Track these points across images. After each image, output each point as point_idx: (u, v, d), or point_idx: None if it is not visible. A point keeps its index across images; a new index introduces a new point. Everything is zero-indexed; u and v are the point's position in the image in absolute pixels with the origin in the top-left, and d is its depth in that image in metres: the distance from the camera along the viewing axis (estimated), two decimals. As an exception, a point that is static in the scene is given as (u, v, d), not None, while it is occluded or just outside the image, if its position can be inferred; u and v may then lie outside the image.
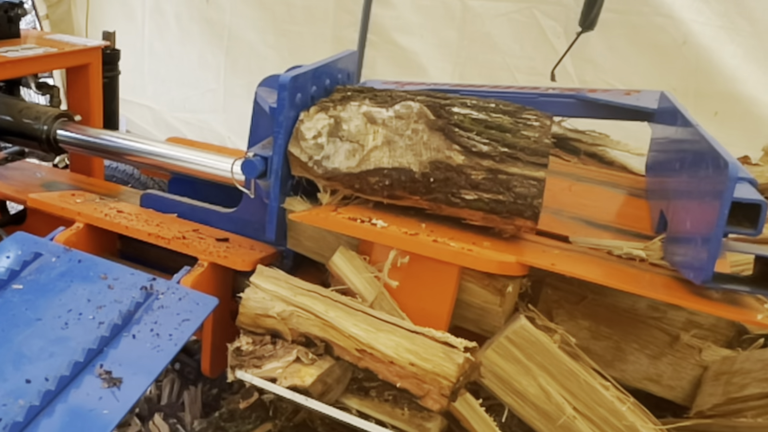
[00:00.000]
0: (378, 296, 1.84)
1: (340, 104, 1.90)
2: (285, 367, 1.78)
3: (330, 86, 2.17)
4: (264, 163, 1.97)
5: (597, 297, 1.98)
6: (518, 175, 1.76)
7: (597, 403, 1.75)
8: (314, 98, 2.06)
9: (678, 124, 2.06)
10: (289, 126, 1.94)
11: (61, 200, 2.39)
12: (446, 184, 1.80)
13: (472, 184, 1.79)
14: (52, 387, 1.53)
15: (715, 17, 3.34)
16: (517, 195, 1.76)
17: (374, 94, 1.94)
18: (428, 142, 1.80)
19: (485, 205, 1.79)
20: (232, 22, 4.82)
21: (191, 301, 1.81)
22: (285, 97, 1.91)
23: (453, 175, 1.79)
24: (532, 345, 1.76)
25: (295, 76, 1.95)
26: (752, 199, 1.48)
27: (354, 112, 1.87)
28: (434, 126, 1.80)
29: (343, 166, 1.87)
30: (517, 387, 1.79)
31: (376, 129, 1.84)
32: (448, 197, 1.82)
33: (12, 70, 2.83)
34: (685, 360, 1.94)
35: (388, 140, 1.83)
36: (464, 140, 1.79)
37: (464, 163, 1.78)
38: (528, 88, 2.65)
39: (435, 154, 1.79)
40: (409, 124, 1.82)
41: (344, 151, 1.86)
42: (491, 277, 1.80)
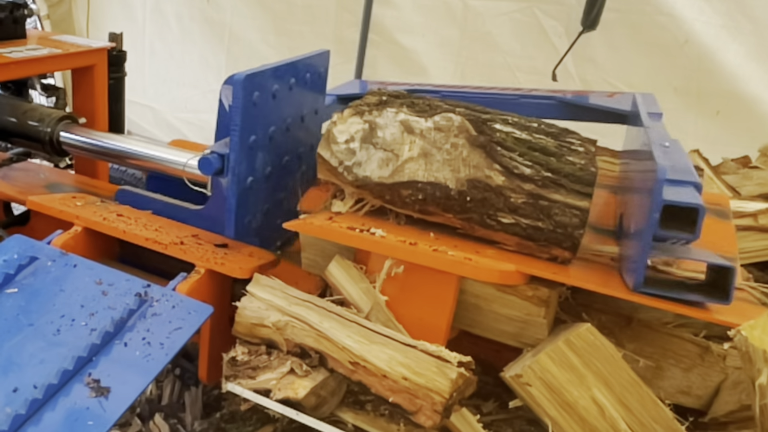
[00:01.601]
0: (374, 307, 1.82)
1: (376, 109, 1.83)
2: (279, 378, 1.76)
3: (296, 85, 2.22)
4: (221, 160, 2.02)
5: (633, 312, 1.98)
6: (560, 203, 1.68)
7: (655, 420, 1.66)
8: (277, 96, 2.11)
9: (637, 125, 2.04)
10: (247, 123, 1.99)
11: (60, 203, 2.37)
12: (483, 204, 1.73)
13: (511, 207, 1.71)
14: (39, 395, 1.51)
15: (717, 16, 3.33)
16: (557, 223, 1.69)
17: (412, 101, 1.86)
18: (468, 158, 1.73)
19: (522, 230, 1.73)
20: (233, 22, 4.81)
21: (185, 309, 1.80)
22: (240, 95, 1.93)
23: (491, 195, 1.72)
24: (595, 351, 1.66)
25: (251, 74, 1.96)
26: (684, 202, 1.45)
27: (390, 120, 1.80)
28: (475, 142, 1.73)
29: (375, 175, 1.80)
30: (567, 398, 1.67)
31: (413, 139, 1.77)
32: (483, 218, 1.75)
33: (17, 70, 2.82)
34: (712, 369, 1.94)
35: (425, 152, 1.76)
36: (506, 160, 1.71)
37: (504, 185, 1.71)
38: (510, 89, 2.66)
39: (474, 171, 1.72)
40: (448, 138, 1.74)
41: (377, 159, 1.80)
42: (534, 289, 1.76)
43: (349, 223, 1.87)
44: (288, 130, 2.28)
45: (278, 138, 2.23)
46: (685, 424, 1.68)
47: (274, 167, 2.25)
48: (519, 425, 2.02)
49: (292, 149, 2.35)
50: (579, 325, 1.69)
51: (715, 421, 1.89)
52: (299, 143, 2.40)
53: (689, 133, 3.53)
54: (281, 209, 2.36)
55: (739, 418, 1.85)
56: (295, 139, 2.35)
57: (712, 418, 1.90)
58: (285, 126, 2.26)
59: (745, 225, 2.45)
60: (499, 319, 1.83)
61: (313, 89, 2.41)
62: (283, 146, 2.28)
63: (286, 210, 2.36)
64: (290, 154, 2.35)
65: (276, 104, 2.16)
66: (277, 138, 2.21)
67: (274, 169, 2.26)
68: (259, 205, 2.24)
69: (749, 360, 1.44)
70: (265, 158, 2.19)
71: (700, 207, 1.45)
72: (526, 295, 1.77)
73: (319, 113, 2.50)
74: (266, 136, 2.16)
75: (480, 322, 1.86)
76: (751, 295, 1.71)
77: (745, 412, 1.82)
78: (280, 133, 2.23)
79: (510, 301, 1.80)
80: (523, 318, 1.80)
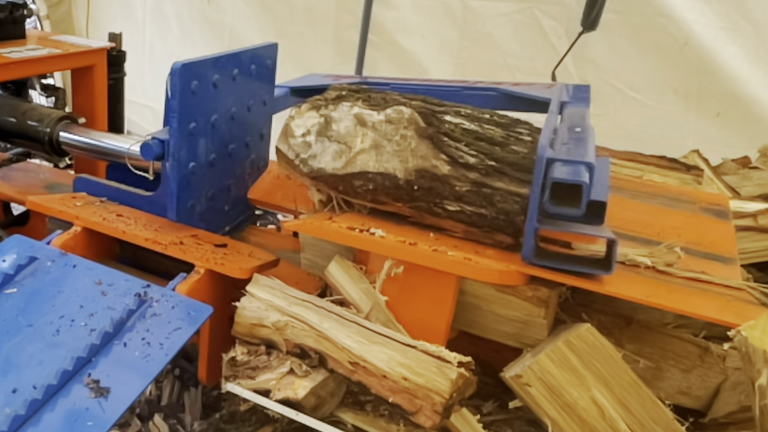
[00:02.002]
0: (373, 307, 1.82)
1: (332, 103, 1.89)
2: (279, 378, 1.76)
3: (240, 75, 2.30)
4: (161, 146, 2.11)
5: (633, 313, 1.98)
6: (503, 191, 1.75)
7: (655, 421, 1.67)
8: (218, 86, 2.20)
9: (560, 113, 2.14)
10: (186, 111, 2.08)
11: (59, 203, 2.37)
12: (430, 193, 1.79)
13: (456, 195, 1.78)
14: (38, 396, 1.51)
15: (717, 18, 3.33)
16: (499, 210, 1.76)
17: (368, 95, 1.92)
18: (416, 149, 1.78)
19: (467, 217, 1.79)
20: (233, 23, 4.81)
21: (185, 309, 1.79)
22: (177, 83, 2.03)
23: (437, 184, 1.78)
24: (594, 351, 1.67)
25: (187, 63, 2.06)
26: (569, 179, 1.52)
27: (345, 113, 1.86)
28: (423, 134, 1.79)
29: (328, 166, 1.86)
30: (567, 398, 1.68)
31: (365, 132, 1.83)
32: (430, 206, 1.82)
33: (16, 70, 2.82)
34: (712, 369, 1.94)
35: (376, 144, 1.81)
36: (452, 150, 1.78)
37: (450, 174, 1.77)
38: (456, 82, 2.77)
39: (421, 162, 1.78)
40: (398, 130, 1.80)
41: (331, 151, 1.85)
42: (534, 289, 1.77)
43: (348, 223, 1.87)
44: (233, 118, 2.36)
45: (222, 126, 2.31)
46: (685, 424, 1.68)
47: (218, 154, 2.33)
48: (519, 426, 2.02)
49: (238, 137, 2.44)
50: (579, 326, 1.69)
51: (715, 422, 1.89)
52: (246, 132, 2.49)
53: (689, 134, 3.53)
54: (228, 195, 2.47)
55: (739, 419, 1.85)
56: (241, 128, 2.44)
57: (712, 419, 1.90)
58: (229, 115, 2.34)
59: (745, 225, 2.45)
60: (499, 320, 1.83)
61: (259, 80, 2.49)
62: (227, 134, 2.37)
63: (234, 197, 2.50)
64: (236, 143, 2.43)
65: (217, 93, 2.24)
66: (220, 126, 2.30)
67: (219, 156, 2.34)
68: (203, 190, 2.32)
69: (749, 361, 1.44)
70: (208, 145, 2.26)
71: (584, 183, 1.51)
72: (526, 296, 1.78)
73: (267, 104, 2.58)
74: (208, 123, 2.23)
75: (480, 323, 1.86)
76: (751, 295, 1.71)
77: (744, 413, 1.82)
78: (223, 122, 2.31)
79: (510, 302, 1.80)
80: (522, 318, 1.80)
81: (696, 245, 1.94)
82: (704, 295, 1.69)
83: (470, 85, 2.59)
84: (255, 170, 2.60)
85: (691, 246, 1.91)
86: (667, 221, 2.09)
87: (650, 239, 1.95)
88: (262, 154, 2.64)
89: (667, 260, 1.79)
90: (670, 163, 2.65)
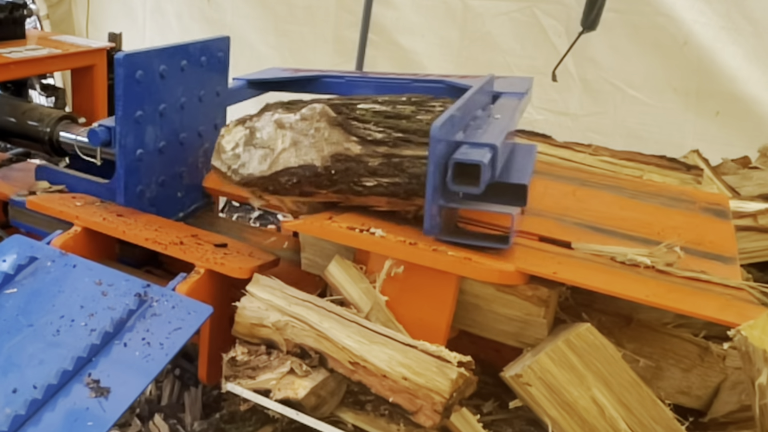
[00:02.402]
0: (373, 307, 1.82)
1: (256, 116, 1.99)
2: (279, 378, 1.76)
3: (189, 67, 2.41)
4: (108, 132, 2.24)
5: (633, 312, 1.98)
6: (410, 156, 1.86)
7: (655, 420, 1.67)
8: (165, 76, 2.31)
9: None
10: (131, 99, 2.20)
11: (59, 203, 2.37)
12: (347, 174, 1.89)
13: (370, 170, 1.88)
14: (39, 396, 1.52)
15: (717, 17, 3.33)
16: (411, 175, 1.86)
17: (291, 103, 2.01)
18: (329, 137, 1.88)
19: (385, 189, 1.89)
20: (233, 22, 4.80)
21: (185, 309, 1.80)
22: (121, 72, 2.13)
23: (352, 164, 1.88)
24: (595, 351, 1.67)
25: (131, 54, 2.17)
26: (467, 159, 1.64)
27: (267, 121, 1.95)
28: (334, 122, 1.89)
29: (256, 170, 1.94)
30: (567, 398, 1.68)
31: (284, 133, 1.92)
32: (351, 186, 1.90)
33: (16, 71, 2.82)
34: (712, 369, 1.95)
35: (295, 141, 1.90)
36: (361, 131, 1.89)
37: (361, 152, 1.88)
38: (407, 74, 2.91)
39: (335, 147, 1.88)
40: (312, 124, 1.89)
41: (258, 156, 1.94)
42: (534, 289, 1.78)
43: (348, 223, 1.87)
44: (183, 108, 2.46)
45: (171, 115, 2.42)
46: (685, 424, 1.68)
47: (168, 142, 2.44)
48: (519, 425, 2.02)
49: (189, 127, 2.53)
50: (579, 325, 1.69)
51: (715, 421, 1.89)
52: (198, 122, 2.58)
53: (689, 133, 3.54)
54: (181, 183, 2.57)
55: (739, 418, 1.85)
56: (192, 118, 2.53)
57: (712, 419, 1.90)
58: (178, 104, 2.44)
59: (745, 225, 2.45)
60: (499, 319, 1.83)
61: (210, 72, 2.58)
62: (177, 123, 2.47)
63: (187, 184, 2.60)
64: (188, 131, 2.53)
65: (165, 83, 2.34)
66: (169, 115, 2.41)
67: (170, 144, 2.45)
68: (153, 177, 2.42)
69: (749, 360, 1.44)
70: (157, 133, 2.37)
71: (482, 163, 1.62)
72: (526, 295, 1.78)
73: (221, 95, 2.68)
74: (155, 112, 2.34)
75: (480, 322, 1.87)
76: (751, 295, 1.71)
77: (744, 413, 1.82)
78: (173, 111, 2.42)
79: (510, 301, 1.80)
80: (522, 318, 1.81)
81: (696, 245, 1.94)
82: (704, 294, 1.69)
83: (420, 78, 2.75)
84: (209, 159, 2.62)
85: (691, 246, 1.91)
86: (667, 221, 2.09)
87: (650, 239, 1.95)
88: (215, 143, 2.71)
89: (667, 260, 1.79)
90: (670, 163, 2.66)
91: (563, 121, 3.84)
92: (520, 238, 1.95)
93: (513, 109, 2.21)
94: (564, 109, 3.85)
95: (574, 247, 1.90)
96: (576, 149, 2.79)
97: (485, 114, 2.14)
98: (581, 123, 3.80)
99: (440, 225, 1.78)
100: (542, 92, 3.86)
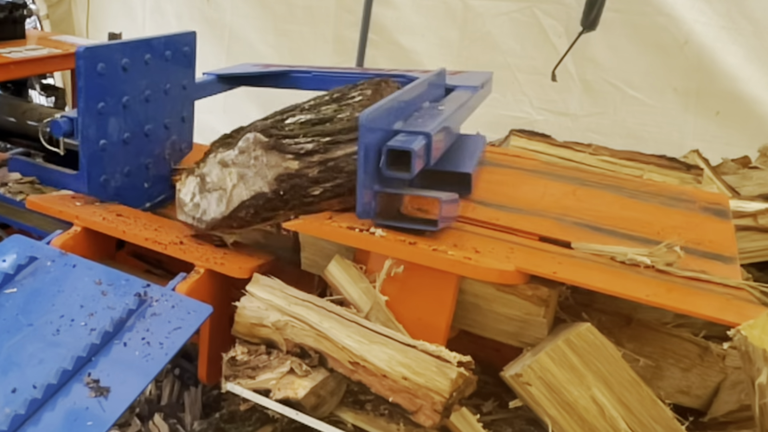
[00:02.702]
0: (373, 306, 1.82)
1: (202, 162, 2.05)
2: (279, 378, 1.76)
3: (153, 61, 2.47)
4: (70, 123, 2.29)
5: (633, 312, 1.98)
6: (342, 156, 1.97)
7: (655, 420, 1.66)
8: (128, 69, 2.37)
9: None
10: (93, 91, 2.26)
11: (59, 203, 2.37)
12: (294, 190, 1.96)
13: (313, 180, 1.96)
14: (38, 395, 1.52)
15: (717, 17, 3.34)
16: (349, 173, 1.96)
17: (221, 141, 2.06)
18: (268, 162, 1.94)
19: (331, 193, 1.98)
20: (232, 22, 4.81)
21: (184, 309, 1.79)
22: (82, 65, 2.20)
23: (296, 180, 1.95)
24: (595, 350, 1.66)
25: (91, 47, 2.24)
26: (398, 146, 1.73)
27: (212, 164, 2.02)
28: (268, 146, 1.94)
29: (217, 213, 2.01)
30: (567, 397, 1.68)
31: (230, 170, 1.99)
32: (301, 200, 1.98)
33: (16, 70, 2.83)
34: (711, 368, 1.95)
35: (241, 175, 1.97)
36: (293, 147, 1.95)
37: (300, 167, 1.95)
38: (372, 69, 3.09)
39: (276, 170, 1.94)
40: (250, 155, 1.95)
41: (214, 200, 2.02)
42: (534, 288, 1.77)
43: (348, 223, 1.87)
44: (147, 101, 2.52)
45: (135, 107, 2.47)
46: (685, 423, 1.68)
47: (133, 133, 2.49)
48: (519, 425, 2.02)
49: (155, 119, 2.59)
50: (579, 325, 1.69)
51: (715, 421, 1.89)
52: (164, 114, 2.63)
53: (689, 132, 3.54)
54: (148, 173, 2.62)
55: (739, 418, 1.85)
56: (158, 110, 2.59)
57: (712, 418, 1.89)
58: (143, 97, 2.49)
59: (745, 225, 2.45)
60: (499, 319, 1.83)
61: (176, 65, 2.63)
62: (142, 115, 2.52)
63: (154, 175, 2.65)
64: (153, 124, 2.58)
65: (128, 76, 2.40)
66: (133, 107, 2.46)
67: (134, 136, 2.50)
68: (118, 167, 2.48)
69: (749, 360, 1.44)
70: (120, 124, 2.43)
71: (412, 150, 1.71)
72: (526, 295, 1.78)
73: (188, 89, 2.75)
74: (119, 104, 2.39)
75: (480, 322, 1.86)
76: (751, 294, 1.71)
77: (744, 412, 1.82)
78: (137, 103, 2.47)
79: (510, 301, 1.80)
80: (522, 317, 1.80)
81: (696, 244, 1.94)
82: (704, 294, 1.69)
83: (383, 72, 2.84)
84: (177, 151, 2.74)
85: (691, 245, 1.91)
86: (667, 220, 2.09)
87: (650, 238, 1.95)
88: (185, 137, 2.79)
89: (667, 259, 1.79)
90: (670, 163, 2.66)
91: (563, 121, 3.84)
92: (520, 238, 1.95)
93: (460, 101, 2.29)
94: (564, 109, 3.86)
95: (574, 246, 1.89)
96: (576, 149, 2.79)
97: (433, 106, 2.22)
98: (581, 123, 3.81)
99: (375, 209, 1.83)
100: (542, 92, 3.86)
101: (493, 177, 2.33)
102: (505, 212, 2.10)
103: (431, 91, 2.34)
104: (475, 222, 2.03)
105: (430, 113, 2.09)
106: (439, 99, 2.37)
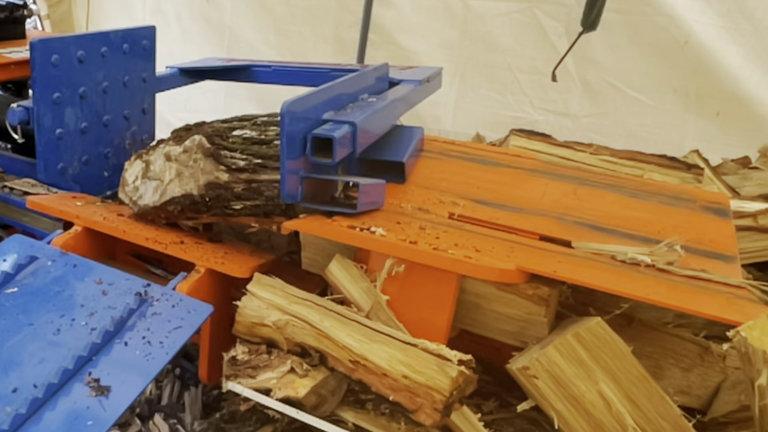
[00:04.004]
0: (374, 306, 1.82)
1: (152, 149, 2.16)
2: (279, 377, 1.76)
3: (110, 53, 2.57)
4: (26, 112, 2.37)
5: (634, 312, 1.98)
6: (266, 181, 2.04)
7: (662, 416, 1.65)
8: (84, 61, 2.46)
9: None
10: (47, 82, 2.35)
11: (60, 202, 2.37)
12: (218, 200, 2.07)
13: (236, 195, 2.06)
14: (39, 394, 1.52)
15: (717, 17, 3.33)
16: (267, 198, 2.04)
17: (178, 133, 2.16)
18: (204, 167, 2.05)
19: (249, 210, 2.07)
20: (232, 22, 4.80)
21: (185, 308, 1.80)
22: (36, 57, 2.29)
23: (222, 191, 2.05)
24: (604, 345, 1.65)
25: (45, 39, 2.32)
26: (321, 134, 1.82)
27: (159, 154, 2.12)
28: (207, 153, 2.05)
29: (150, 201, 2.14)
30: (574, 391, 1.66)
31: (171, 165, 2.10)
32: (223, 210, 2.09)
33: (17, 71, 2.83)
34: (712, 368, 1.95)
35: (179, 172, 2.08)
36: (228, 160, 2.06)
37: (228, 180, 2.05)
38: (331, 64, 3.11)
39: (208, 177, 2.05)
40: (191, 156, 2.06)
41: (151, 188, 2.14)
42: (535, 287, 1.78)
43: (349, 222, 1.87)
44: (105, 92, 2.61)
45: (92, 98, 2.57)
46: (692, 421, 1.67)
47: (91, 123, 2.59)
48: (520, 424, 2.01)
49: (113, 110, 2.68)
50: (588, 319, 1.68)
51: (715, 421, 1.89)
52: (123, 106, 2.73)
53: (689, 133, 3.54)
54: (107, 162, 2.71)
55: (739, 418, 1.85)
56: (116, 102, 2.68)
57: (712, 419, 1.90)
58: (100, 88, 2.59)
59: (745, 225, 2.45)
60: (500, 318, 1.83)
61: (135, 58, 2.73)
62: (100, 106, 2.61)
63: (114, 164, 2.72)
64: (112, 114, 2.68)
65: (84, 68, 2.49)
66: (90, 98, 2.55)
67: (92, 126, 2.60)
68: (75, 155, 2.56)
69: (748, 361, 1.44)
70: (77, 114, 2.52)
71: (333, 137, 1.79)
72: (527, 294, 1.78)
73: (148, 81, 2.84)
74: (75, 94, 2.48)
75: (480, 321, 1.86)
76: (752, 293, 1.71)
77: (744, 413, 1.82)
78: (94, 94, 2.57)
79: (510, 300, 1.80)
80: (523, 317, 1.80)
81: (696, 243, 1.94)
82: (705, 293, 1.69)
83: (341, 67, 2.96)
84: (138, 142, 2.81)
85: (692, 244, 1.91)
86: (668, 220, 2.09)
87: (651, 238, 1.95)
88: (146, 128, 2.86)
89: (668, 259, 1.79)
90: (670, 162, 2.66)
91: (563, 121, 3.84)
92: (521, 237, 1.95)
93: (399, 95, 2.40)
94: (564, 109, 3.85)
95: (575, 245, 1.90)
96: (577, 149, 2.79)
97: (371, 98, 2.30)
98: (581, 123, 3.80)
99: (301, 193, 1.88)
100: (542, 93, 3.86)
101: (494, 177, 2.34)
102: (506, 212, 2.10)
103: (373, 85, 2.43)
104: (476, 221, 2.04)
105: (362, 105, 2.18)
106: (381, 92, 2.43)
